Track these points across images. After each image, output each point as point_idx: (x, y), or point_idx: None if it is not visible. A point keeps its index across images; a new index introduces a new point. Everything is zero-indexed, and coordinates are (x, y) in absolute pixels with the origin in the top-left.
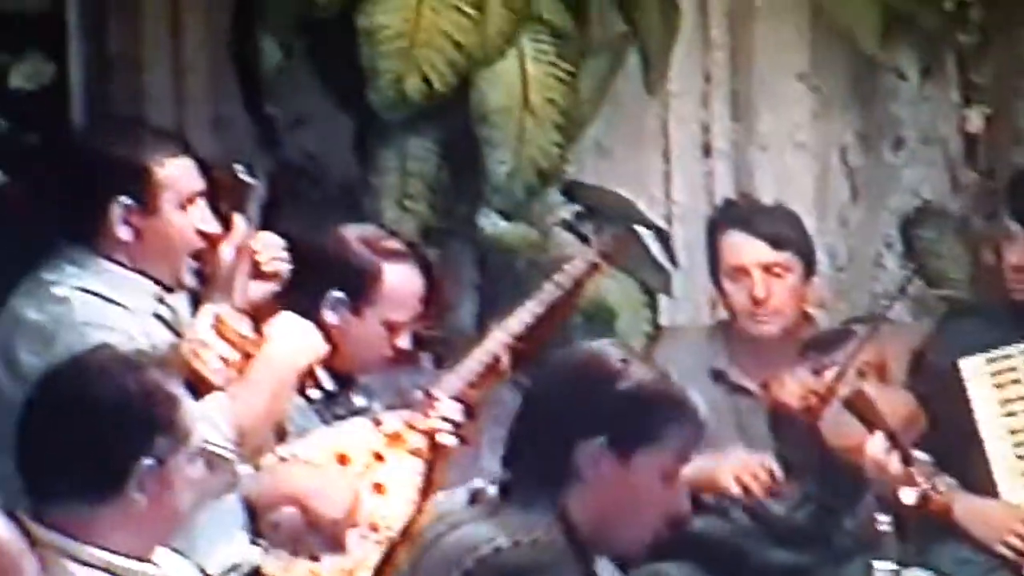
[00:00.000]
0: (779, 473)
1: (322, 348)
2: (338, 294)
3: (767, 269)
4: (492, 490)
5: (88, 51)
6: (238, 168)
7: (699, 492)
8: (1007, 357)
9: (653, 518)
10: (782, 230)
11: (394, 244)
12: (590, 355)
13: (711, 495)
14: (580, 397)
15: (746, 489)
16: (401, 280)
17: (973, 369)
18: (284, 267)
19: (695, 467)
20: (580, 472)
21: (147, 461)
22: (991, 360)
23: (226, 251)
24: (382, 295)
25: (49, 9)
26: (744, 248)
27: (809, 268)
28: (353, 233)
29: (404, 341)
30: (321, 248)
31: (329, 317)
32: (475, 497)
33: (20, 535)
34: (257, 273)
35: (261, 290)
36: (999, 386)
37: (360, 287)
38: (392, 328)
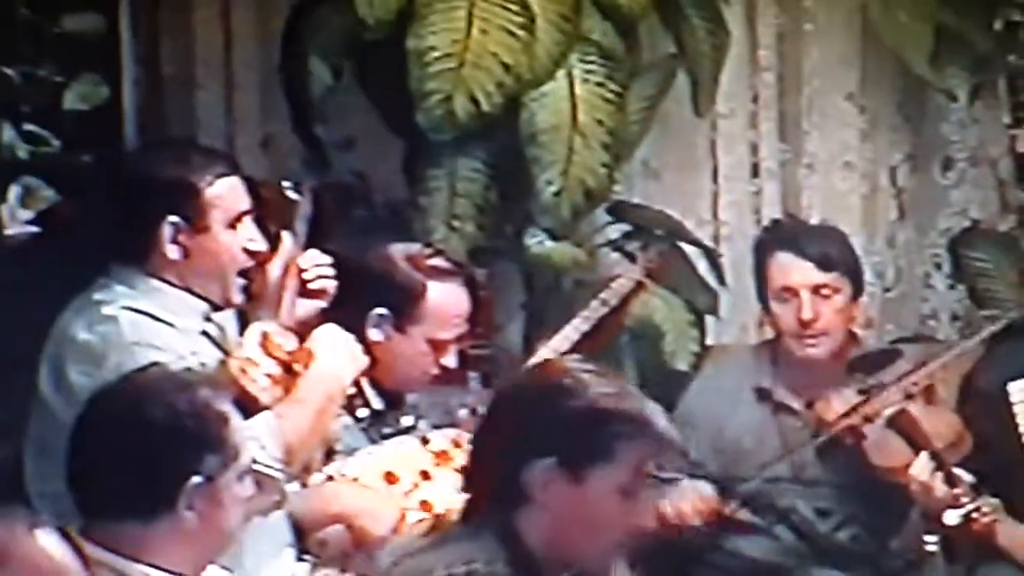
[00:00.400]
0: (717, 502)
1: (364, 360)
2: (382, 311)
3: (815, 290)
4: (453, 517)
5: (141, 72)
6: (285, 185)
7: None
8: None
9: (614, 535)
10: (830, 250)
11: (438, 262)
12: (540, 372)
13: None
14: (529, 415)
15: (682, 516)
16: (445, 298)
17: (1021, 392)
18: (331, 284)
19: None
20: (531, 494)
21: (196, 479)
22: None
23: (273, 269)
24: (426, 313)
25: (103, 31)
26: (792, 269)
27: (857, 288)
28: (397, 251)
29: (450, 359)
30: (366, 266)
31: (373, 335)
32: (434, 525)
33: (74, 554)
34: (304, 291)
35: (308, 307)
36: None
37: (404, 305)
38: (437, 346)
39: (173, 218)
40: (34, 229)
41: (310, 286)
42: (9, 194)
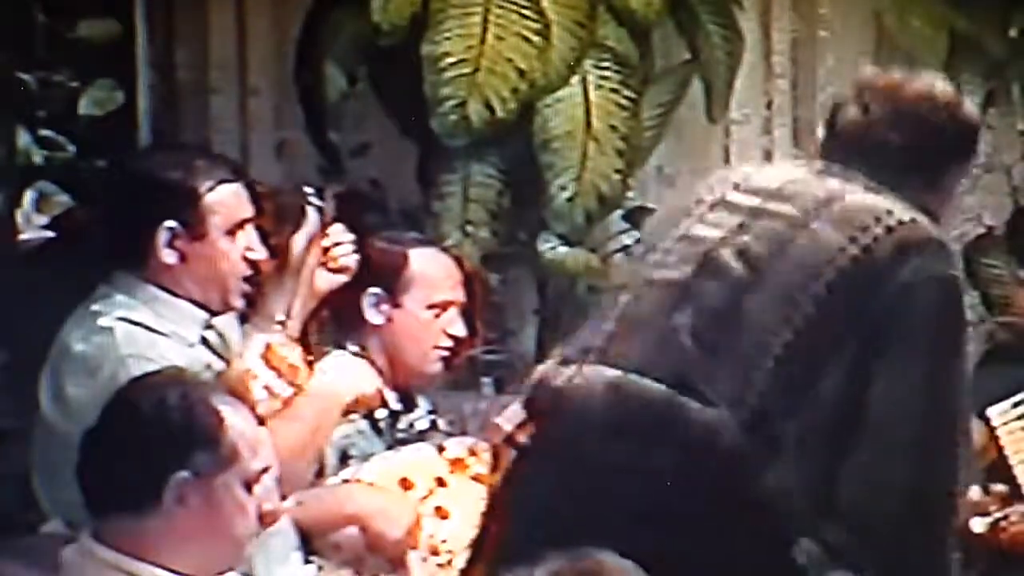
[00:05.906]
0: None
1: (371, 386)
2: (375, 291)
3: None
4: None
5: (156, 77)
6: (305, 189)
7: None
8: None
9: None
10: None
11: (416, 236)
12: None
13: None
14: None
15: None
16: (429, 261)
17: (1001, 416)
18: (353, 260)
19: None
20: None
21: (184, 474)
22: (1017, 404)
23: (298, 241)
24: (414, 279)
25: (119, 37)
26: None
27: None
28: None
29: (457, 328)
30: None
31: (373, 318)
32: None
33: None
34: (326, 266)
35: (330, 280)
36: None
37: (391, 279)
38: (437, 311)
39: (170, 223)
40: (49, 234)
41: (332, 265)
42: (24, 199)
